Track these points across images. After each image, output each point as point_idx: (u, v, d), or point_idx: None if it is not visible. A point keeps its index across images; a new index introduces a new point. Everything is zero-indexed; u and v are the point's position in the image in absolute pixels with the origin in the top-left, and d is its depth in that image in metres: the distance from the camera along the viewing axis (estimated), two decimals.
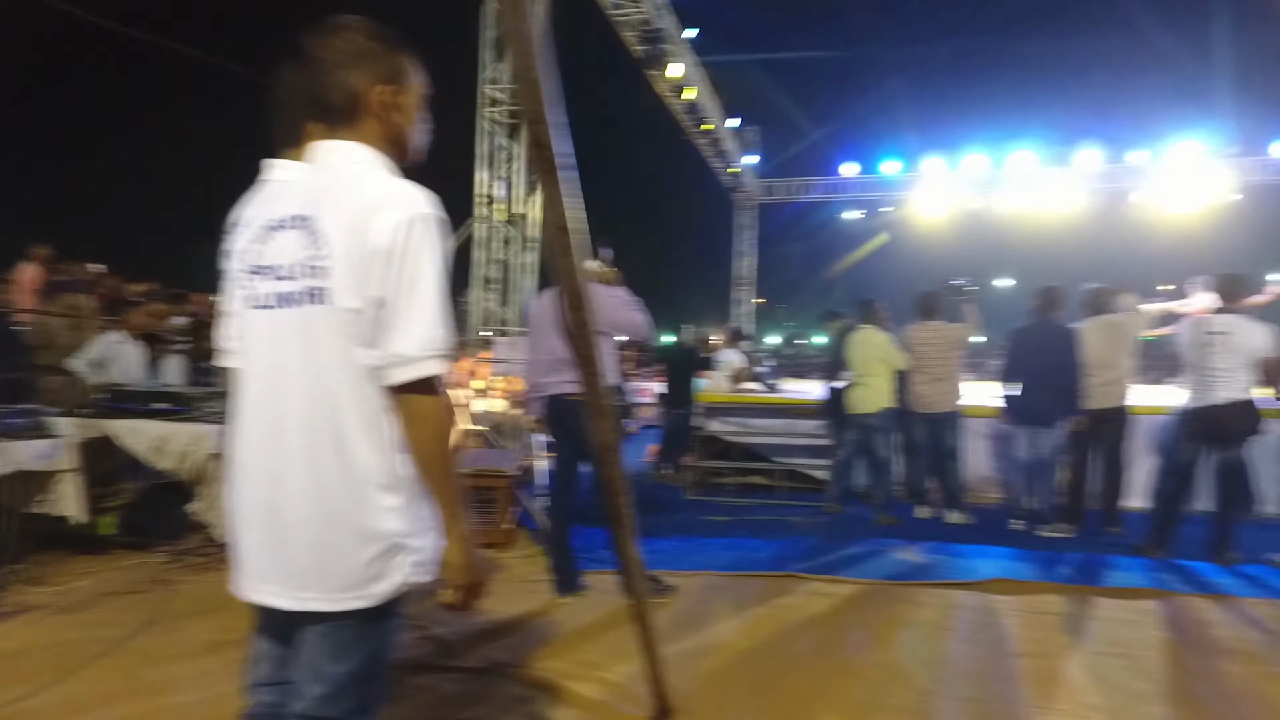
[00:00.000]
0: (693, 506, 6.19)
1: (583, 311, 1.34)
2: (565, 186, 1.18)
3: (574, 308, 1.34)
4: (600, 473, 1.64)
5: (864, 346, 5.80)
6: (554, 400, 3.77)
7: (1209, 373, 4.65)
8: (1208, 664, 3.04)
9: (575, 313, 1.34)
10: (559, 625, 3.36)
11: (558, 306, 3.64)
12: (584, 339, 1.38)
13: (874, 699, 2.66)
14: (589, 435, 3.55)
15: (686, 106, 13.03)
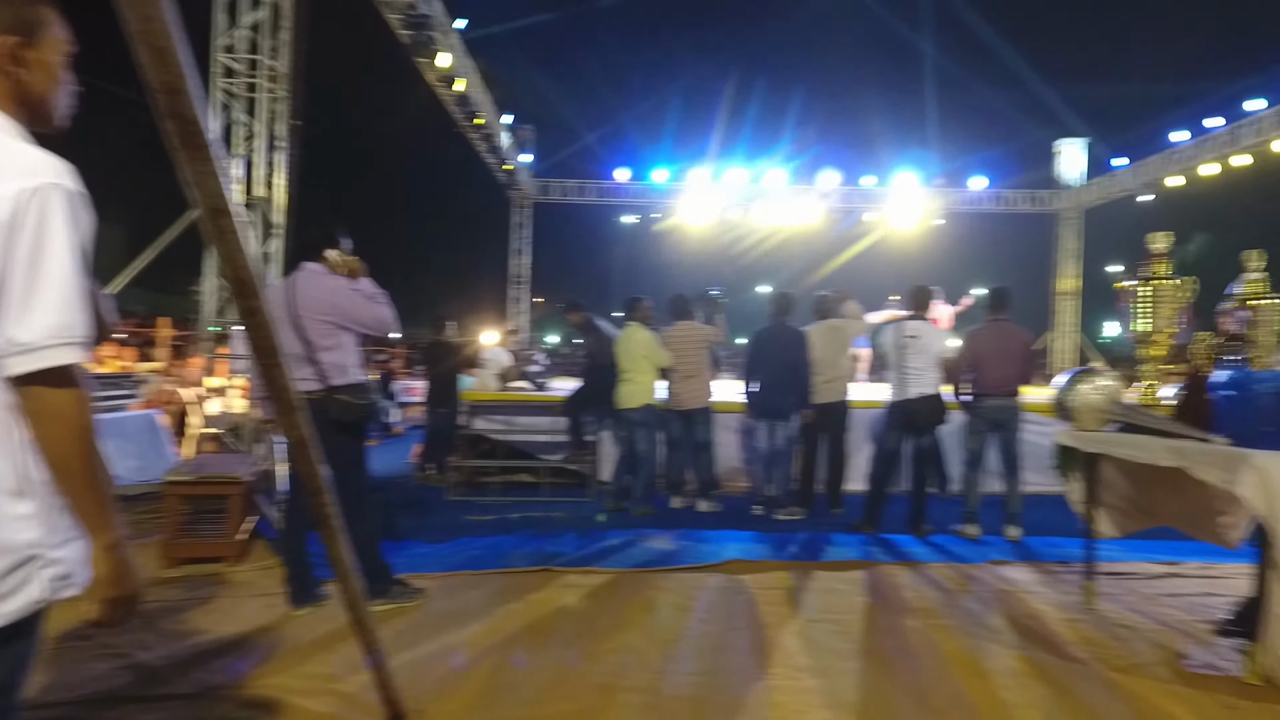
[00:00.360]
0: (455, 507, 6.06)
1: (253, 300, 1.24)
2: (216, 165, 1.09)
3: (242, 295, 1.24)
4: (300, 471, 1.54)
5: (629, 344, 6.02)
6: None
7: (905, 371, 5.41)
8: (895, 621, 3.51)
9: (244, 301, 1.24)
10: (291, 639, 3.14)
11: (289, 297, 3.45)
12: (256, 329, 1.28)
13: (611, 681, 2.77)
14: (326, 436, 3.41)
15: (457, 99, 12.72)
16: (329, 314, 3.40)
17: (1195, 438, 3.16)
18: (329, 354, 3.41)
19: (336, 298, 3.44)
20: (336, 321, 3.43)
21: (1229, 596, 3.75)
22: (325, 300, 3.41)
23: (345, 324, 3.46)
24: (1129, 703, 2.66)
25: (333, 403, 3.35)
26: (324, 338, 3.41)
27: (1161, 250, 4.11)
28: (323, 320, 3.39)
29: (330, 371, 3.38)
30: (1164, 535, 4.21)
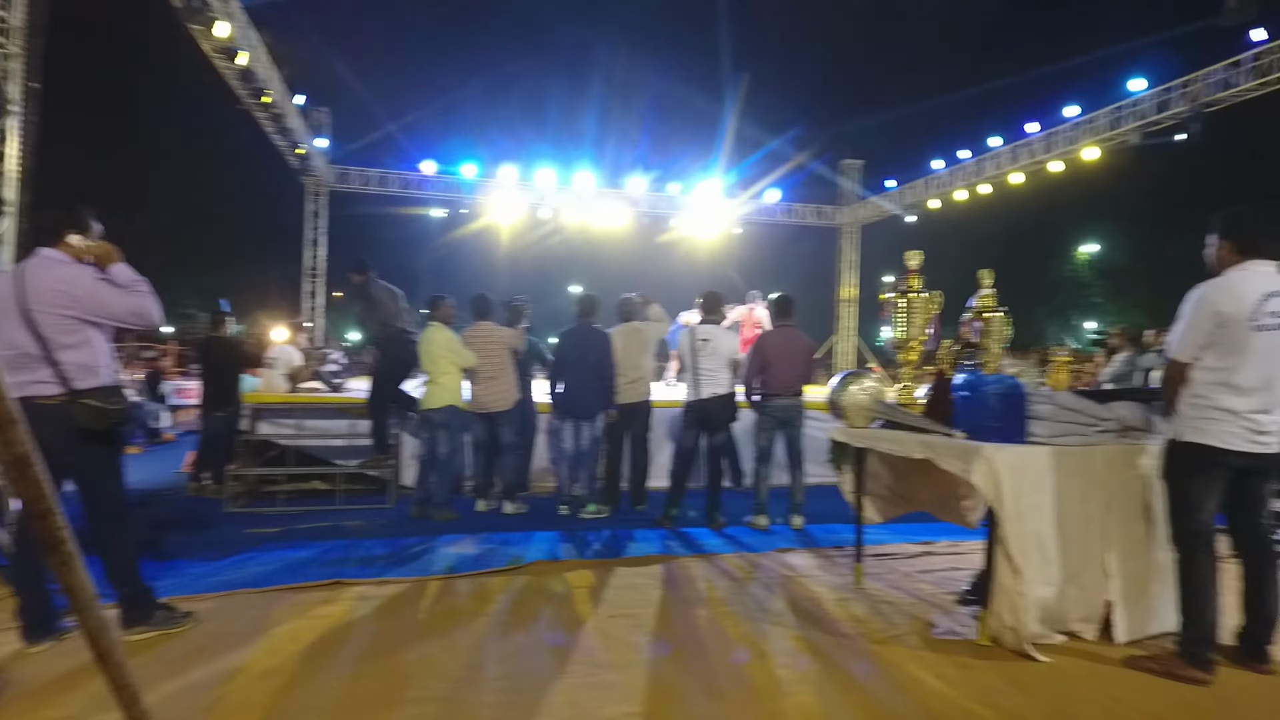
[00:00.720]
0: (235, 520, 5.56)
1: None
2: None
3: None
4: (19, 492, 1.35)
5: (430, 344, 5.83)
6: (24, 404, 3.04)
7: (698, 373, 5.70)
8: (689, 612, 3.69)
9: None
10: (26, 679, 2.73)
11: (18, 288, 2.99)
12: None
13: (406, 694, 2.68)
14: (73, 447, 3.01)
15: (240, 74, 11.66)
16: (68, 307, 2.99)
17: (941, 432, 3.60)
18: (71, 353, 3.00)
19: (76, 289, 3.01)
20: (79, 316, 3.01)
21: (970, 570, 4.31)
22: (62, 292, 2.99)
23: (90, 318, 3.04)
24: (885, 670, 2.98)
25: (79, 409, 2.98)
26: (64, 334, 2.99)
27: (914, 267, 4.62)
28: (61, 315, 2.98)
29: (73, 373, 3.00)
30: (919, 519, 4.76)
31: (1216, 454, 2.90)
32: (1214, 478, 2.95)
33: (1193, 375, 2.96)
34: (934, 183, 18.99)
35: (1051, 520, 3.22)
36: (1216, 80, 12.86)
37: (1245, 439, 2.87)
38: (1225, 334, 2.86)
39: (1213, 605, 2.92)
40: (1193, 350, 2.94)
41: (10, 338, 2.95)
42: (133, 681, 1.85)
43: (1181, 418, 3.00)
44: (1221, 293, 2.89)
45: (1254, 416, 2.86)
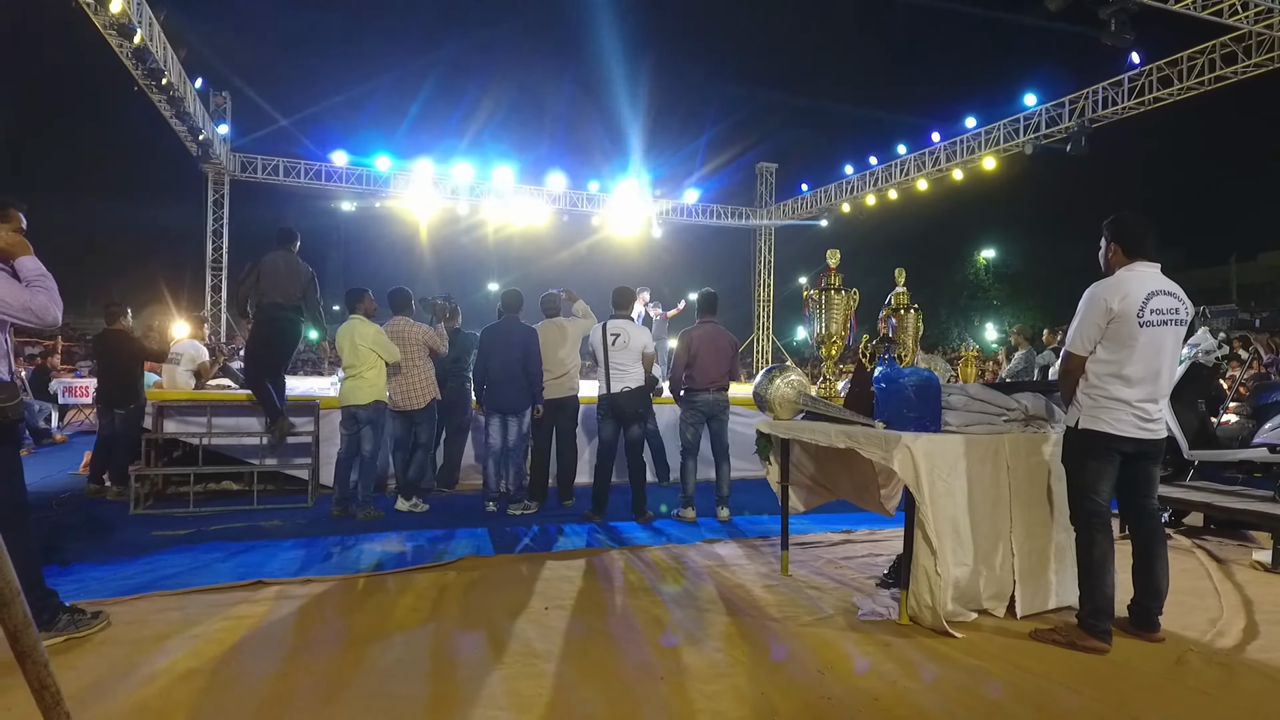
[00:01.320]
0: (141, 522, 5.27)
1: None
2: None
3: None
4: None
5: (352, 337, 5.67)
6: None
7: (610, 367, 5.77)
8: (621, 602, 3.73)
9: None
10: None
11: None
12: None
13: (336, 692, 2.62)
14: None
15: (134, 52, 11.00)
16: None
17: (862, 423, 3.76)
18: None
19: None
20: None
21: (888, 555, 4.52)
22: None
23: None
24: (814, 651, 3.09)
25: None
26: None
27: (834, 265, 4.80)
28: None
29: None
30: (839, 510, 4.96)
31: (1110, 440, 3.15)
32: (1108, 461, 3.19)
33: (1088, 368, 3.20)
34: (845, 187, 19.66)
35: (965, 504, 3.42)
36: (1100, 98, 13.83)
37: (1135, 425, 3.13)
38: (1115, 329, 3.11)
39: (1109, 580, 3.16)
40: (1087, 344, 3.19)
41: None
42: (55, 683, 1.77)
43: (1079, 407, 3.24)
44: (1111, 291, 3.14)
45: (1143, 405, 3.12)
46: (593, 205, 19.79)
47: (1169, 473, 5.78)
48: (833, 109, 39.60)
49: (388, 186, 18.29)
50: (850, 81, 41.06)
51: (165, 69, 11.97)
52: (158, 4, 11.59)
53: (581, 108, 43.73)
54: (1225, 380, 7.77)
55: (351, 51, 48.65)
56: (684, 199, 21.01)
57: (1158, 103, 13.16)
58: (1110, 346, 3.14)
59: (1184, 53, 12.49)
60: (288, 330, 6.14)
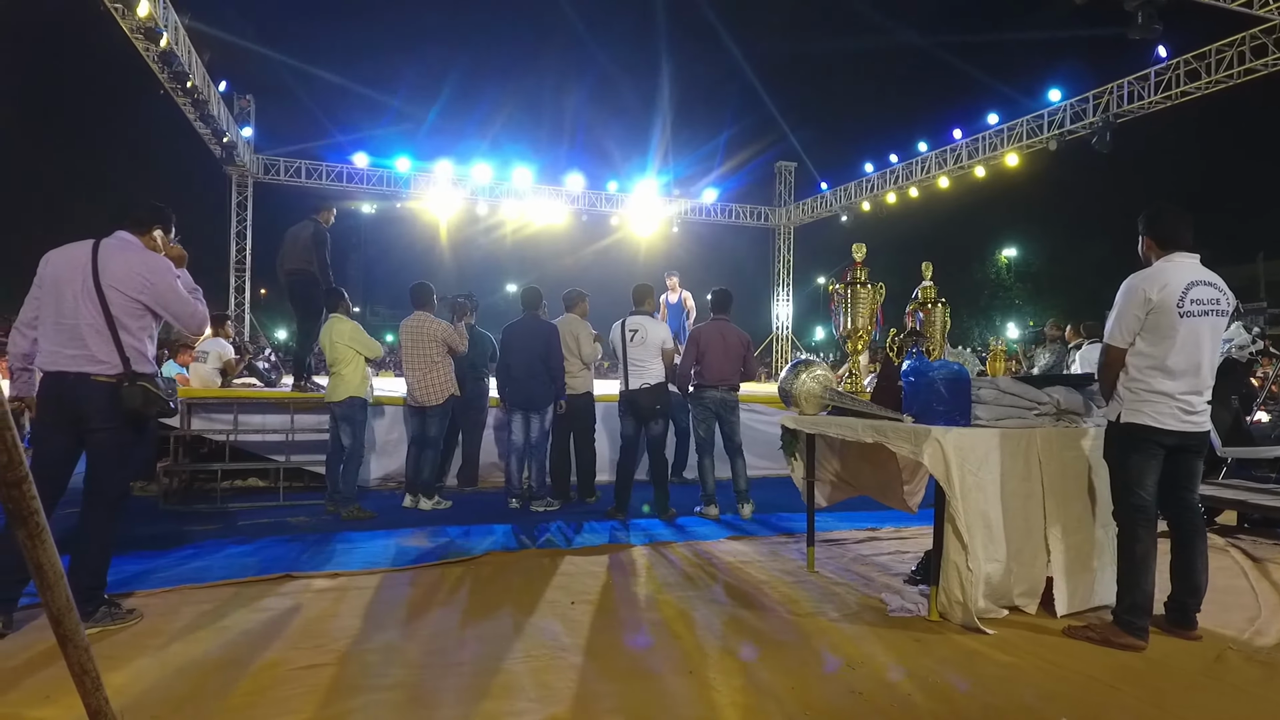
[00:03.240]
0: (171, 518, 5.33)
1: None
2: None
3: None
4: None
5: (330, 335, 5.69)
6: (61, 378, 3.03)
7: (629, 363, 5.76)
8: (648, 597, 3.72)
9: None
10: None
11: (92, 263, 2.99)
12: None
13: (369, 682, 2.63)
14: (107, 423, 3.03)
15: (161, 55, 11.15)
16: (142, 291, 3.08)
17: (889, 418, 3.72)
18: (130, 336, 3.04)
19: (155, 277, 3.11)
20: (147, 303, 3.07)
21: (915, 553, 4.47)
22: (143, 276, 3.08)
23: (155, 308, 3.10)
24: (845, 647, 3.06)
25: (134, 390, 3.04)
26: (130, 317, 3.05)
27: (860, 259, 4.76)
28: (133, 297, 3.06)
29: (131, 356, 3.07)
30: (863, 507, 4.91)
31: (1152, 433, 3.09)
32: (1151, 455, 3.14)
33: (1128, 360, 3.14)
34: (865, 185, 19.54)
35: (996, 499, 3.37)
36: (1125, 93, 13.64)
37: (1178, 419, 3.07)
38: (1155, 320, 3.05)
39: (1149, 577, 3.11)
40: (1126, 336, 3.12)
41: (72, 309, 3.00)
42: (95, 668, 1.77)
43: (1119, 400, 3.17)
44: (1149, 281, 3.08)
45: (1186, 398, 3.06)
46: (611, 205, 19.81)
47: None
48: (853, 107, 39.44)
49: (408, 188, 18.41)
50: (871, 79, 40.86)
51: (190, 72, 12.12)
52: (183, 7, 11.74)
53: (601, 108, 43.83)
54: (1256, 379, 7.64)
55: (372, 54, 49.07)
56: (703, 198, 20.97)
57: (1185, 97, 12.96)
58: (1150, 338, 3.08)
59: (1212, 45, 12.29)
60: (299, 293, 6.66)
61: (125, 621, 3.10)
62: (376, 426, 6.65)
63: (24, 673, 2.64)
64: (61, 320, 3.03)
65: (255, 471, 6.45)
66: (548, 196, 19.07)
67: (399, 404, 6.27)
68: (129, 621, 3.11)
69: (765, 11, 39.64)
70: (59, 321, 3.04)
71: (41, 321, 3.10)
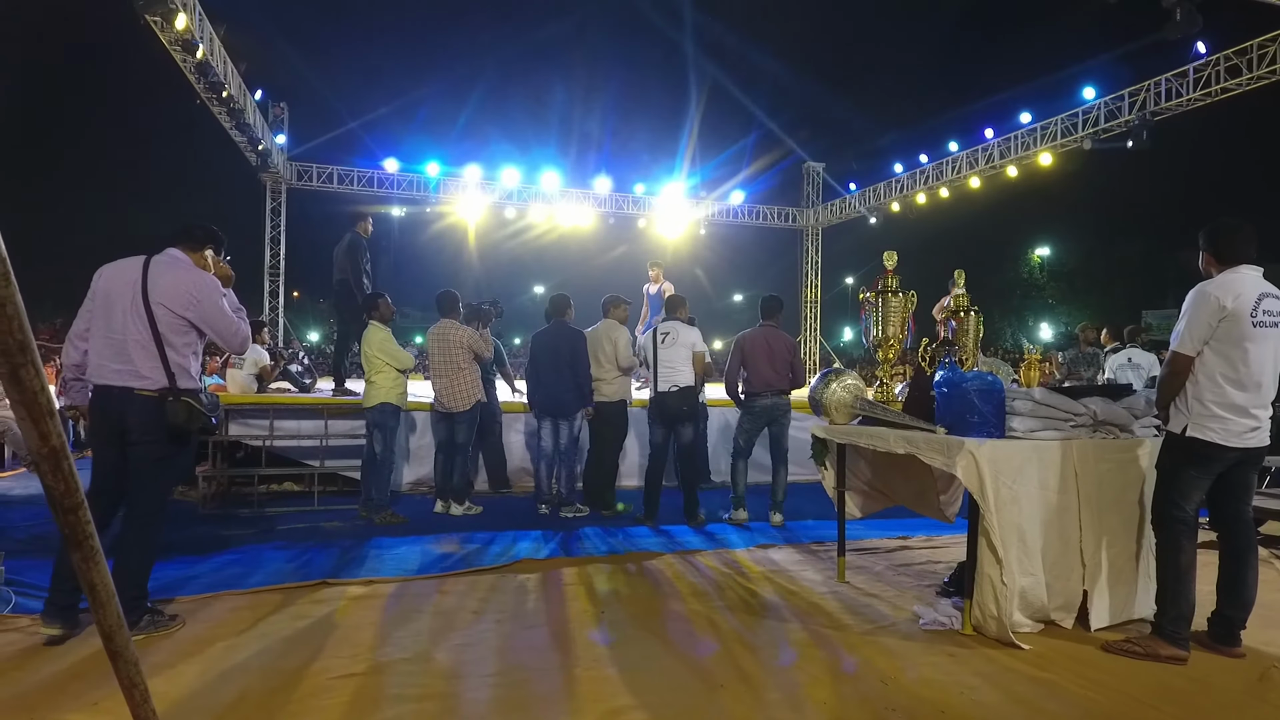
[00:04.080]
0: (210, 522, 5.45)
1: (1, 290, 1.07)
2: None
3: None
4: (52, 486, 1.33)
5: (366, 343, 5.75)
6: (107, 391, 3.14)
7: (659, 366, 5.77)
8: (678, 606, 3.72)
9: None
10: (14, 684, 2.65)
11: (142, 280, 3.10)
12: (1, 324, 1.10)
13: (397, 691, 2.67)
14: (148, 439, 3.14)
15: (197, 66, 11.39)
16: (188, 309, 3.17)
17: (921, 428, 3.69)
18: (175, 353, 3.17)
19: (202, 294, 3.20)
20: (193, 320, 3.16)
21: (947, 563, 4.43)
22: (190, 294, 3.18)
23: (201, 325, 3.20)
24: (875, 660, 3.05)
25: (177, 405, 3.12)
26: (175, 333, 3.17)
27: (891, 266, 4.73)
28: (179, 314, 3.16)
29: (176, 371, 3.16)
30: (894, 515, 4.87)
31: (1218, 450, 3.02)
32: (1207, 472, 3.07)
33: (1195, 370, 3.06)
34: (895, 185, 19.34)
35: (1031, 512, 3.33)
36: (1163, 90, 13.36)
37: (1241, 436, 3.00)
38: (1227, 329, 2.98)
39: (1191, 589, 3.05)
40: (1196, 344, 3.04)
41: (121, 324, 3.10)
42: (143, 681, 1.82)
43: (1185, 413, 3.08)
44: (1223, 289, 3.01)
45: (1256, 412, 3.00)
46: (638, 208, 19.82)
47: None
48: (882, 107, 39.12)
49: (437, 192, 18.58)
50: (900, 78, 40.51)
51: (226, 82, 12.36)
52: (219, 19, 11.97)
53: (628, 111, 44.00)
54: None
55: (403, 60, 49.73)
56: (730, 200, 20.90)
57: (1225, 94, 12.64)
58: (1220, 348, 3.01)
59: (1254, 40, 11.98)
60: (338, 301, 7.15)
61: (168, 628, 3.18)
62: (407, 431, 6.73)
63: (72, 680, 2.72)
64: (110, 335, 3.13)
65: (290, 476, 6.57)
66: (575, 200, 19.14)
67: (427, 409, 6.34)
68: (172, 628, 3.19)
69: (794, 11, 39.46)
70: (108, 336, 3.14)
71: (92, 334, 3.19)
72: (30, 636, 3.12)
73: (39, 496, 6.22)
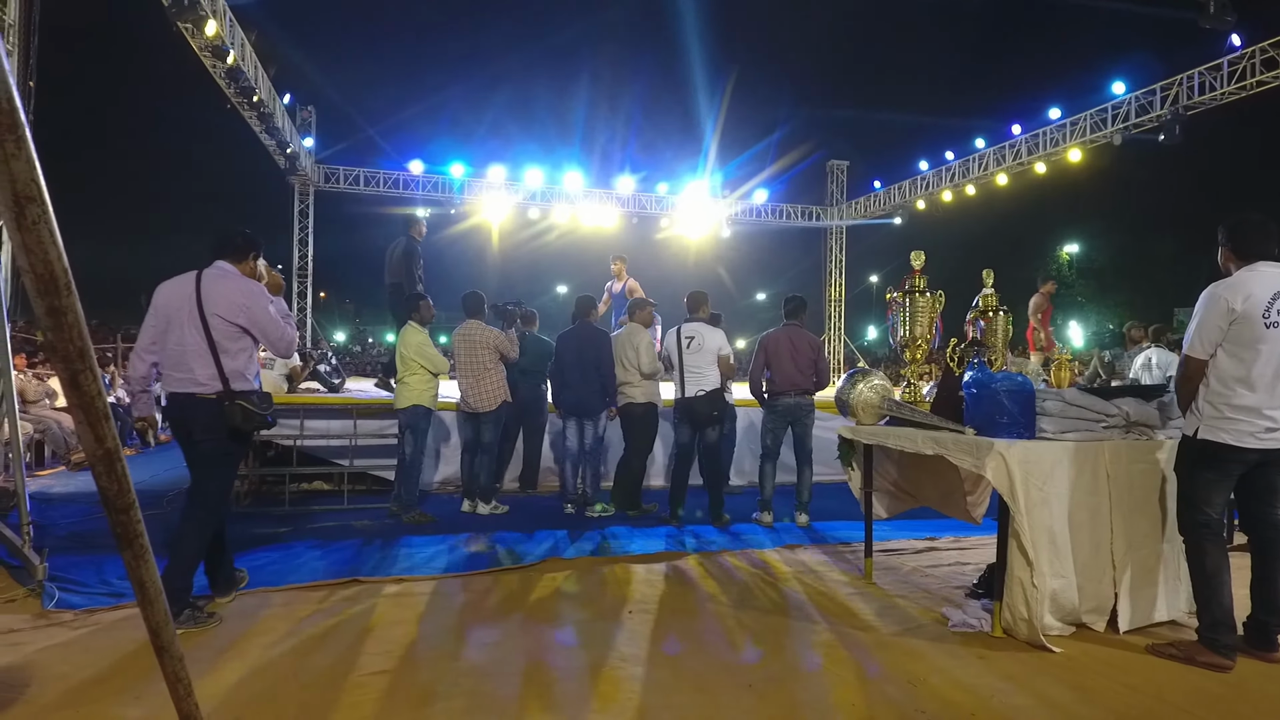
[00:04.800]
0: (243, 520, 5.54)
1: (62, 299, 1.11)
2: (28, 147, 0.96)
3: (49, 294, 1.10)
4: (106, 488, 1.37)
5: (402, 344, 5.81)
6: (174, 398, 3.42)
7: (685, 370, 5.76)
8: (705, 606, 3.74)
9: (51, 300, 1.10)
10: (52, 677, 2.73)
11: (195, 293, 3.33)
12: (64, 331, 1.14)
13: (428, 689, 2.70)
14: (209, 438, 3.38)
15: (228, 71, 11.58)
16: (238, 316, 3.38)
17: (950, 429, 3.67)
18: (230, 359, 3.37)
19: (252, 302, 3.41)
20: (245, 326, 3.40)
21: (975, 565, 4.39)
22: (240, 304, 3.39)
23: (252, 331, 3.43)
24: (904, 662, 3.04)
25: (233, 408, 3.34)
26: (229, 340, 3.37)
27: (919, 266, 4.70)
28: (231, 323, 3.37)
29: (231, 376, 3.37)
30: (920, 515, 4.84)
31: (1231, 452, 2.98)
32: (1225, 475, 3.03)
33: (1208, 373, 3.03)
34: (921, 183, 19.17)
35: (1062, 514, 3.29)
36: (1196, 84, 13.11)
37: (1259, 436, 2.95)
38: (1238, 331, 2.94)
39: (1226, 592, 3.00)
40: (1208, 347, 3.02)
41: (178, 336, 3.34)
42: (187, 676, 1.88)
43: (1198, 415, 3.06)
44: (1233, 290, 2.97)
45: (1270, 413, 2.95)
46: (661, 207, 19.82)
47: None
48: (907, 103, 38.78)
49: (461, 193, 18.73)
50: (926, 74, 40.17)
51: (256, 86, 12.55)
52: (249, 25, 12.16)
53: (651, 110, 44.01)
54: None
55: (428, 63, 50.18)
56: (753, 199, 20.83)
57: (1261, 87, 12.37)
58: (1232, 349, 2.97)
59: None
60: (394, 304, 7.21)
61: (206, 624, 3.25)
62: (435, 431, 6.79)
63: (114, 675, 2.79)
64: (171, 346, 3.38)
65: (321, 475, 6.66)
66: (598, 200, 19.19)
67: (453, 409, 6.39)
68: (209, 624, 3.26)
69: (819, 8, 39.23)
70: (169, 348, 3.39)
71: (157, 347, 3.44)
72: (73, 630, 3.21)
73: (79, 495, 6.38)
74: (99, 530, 5.13)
